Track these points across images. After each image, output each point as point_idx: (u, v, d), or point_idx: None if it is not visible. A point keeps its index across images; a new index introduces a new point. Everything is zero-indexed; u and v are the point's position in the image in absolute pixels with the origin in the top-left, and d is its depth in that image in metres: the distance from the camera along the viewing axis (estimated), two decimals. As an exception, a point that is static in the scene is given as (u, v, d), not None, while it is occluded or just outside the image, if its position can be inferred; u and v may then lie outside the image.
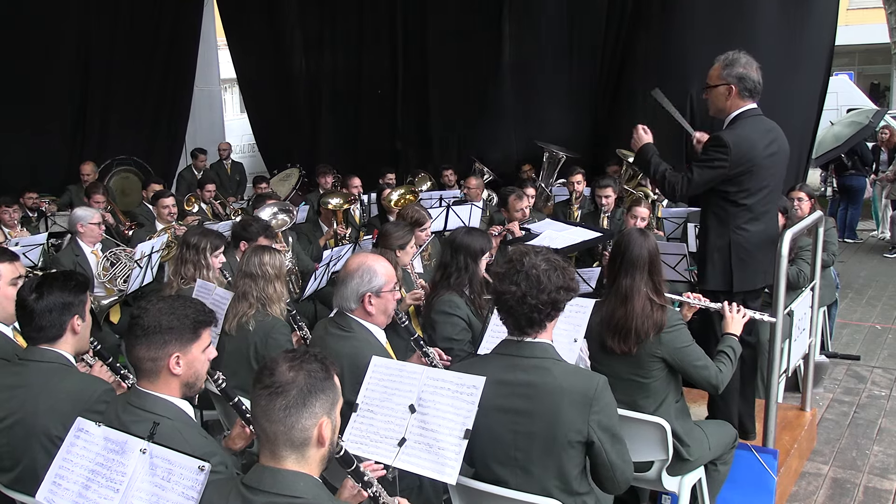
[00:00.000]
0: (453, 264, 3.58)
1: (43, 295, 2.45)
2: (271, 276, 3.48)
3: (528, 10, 8.35)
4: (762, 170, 3.35)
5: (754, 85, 3.37)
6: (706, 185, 3.37)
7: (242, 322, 3.40)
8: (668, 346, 2.89)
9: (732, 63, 3.37)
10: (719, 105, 3.45)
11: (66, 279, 2.54)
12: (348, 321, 2.88)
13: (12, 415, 2.35)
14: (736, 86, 3.35)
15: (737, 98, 3.38)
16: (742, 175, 3.31)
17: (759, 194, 3.38)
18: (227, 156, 10.41)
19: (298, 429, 1.70)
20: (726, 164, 3.28)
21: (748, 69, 3.36)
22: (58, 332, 2.48)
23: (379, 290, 2.86)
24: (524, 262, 2.31)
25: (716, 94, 3.44)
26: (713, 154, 3.32)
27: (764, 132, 3.39)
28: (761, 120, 3.43)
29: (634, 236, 2.99)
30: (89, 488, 1.95)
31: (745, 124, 3.37)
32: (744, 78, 3.35)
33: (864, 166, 9.92)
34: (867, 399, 4.87)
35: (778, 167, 3.47)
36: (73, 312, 2.50)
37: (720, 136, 3.35)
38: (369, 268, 2.87)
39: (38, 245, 5.42)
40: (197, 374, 2.16)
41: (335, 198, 6.24)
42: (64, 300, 2.47)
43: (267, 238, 4.54)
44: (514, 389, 2.30)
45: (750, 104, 3.41)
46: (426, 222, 4.72)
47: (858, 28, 17.72)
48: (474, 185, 7.14)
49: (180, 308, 2.13)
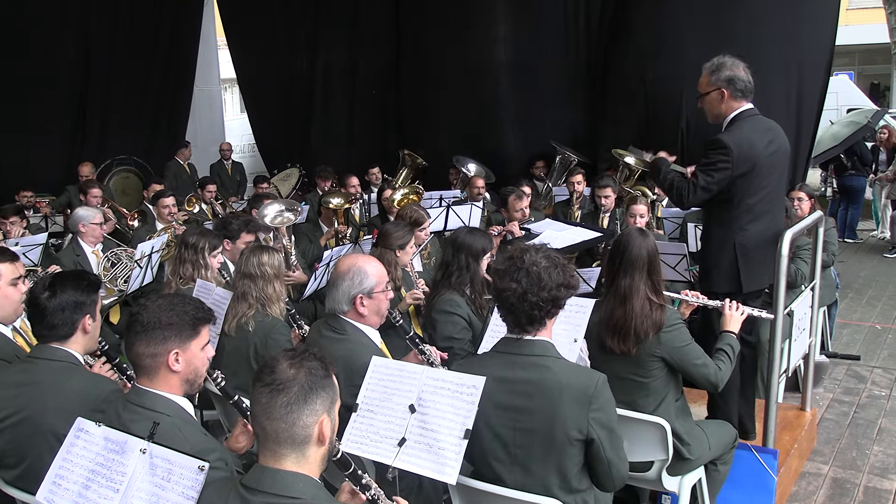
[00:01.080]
0: (454, 263, 3.58)
1: (56, 293, 2.45)
2: (270, 276, 3.47)
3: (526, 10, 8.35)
4: (763, 169, 3.35)
5: (745, 85, 3.38)
6: (713, 190, 3.35)
7: (242, 323, 3.39)
8: (667, 345, 2.89)
9: (719, 68, 3.39)
10: (715, 111, 3.47)
11: (79, 278, 2.55)
12: (341, 323, 2.88)
13: (20, 412, 2.35)
14: (726, 89, 3.37)
15: (730, 101, 3.39)
16: (744, 175, 3.31)
17: (760, 194, 3.38)
18: (228, 156, 10.41)
19: (300, 426, 1.70)
20: (729, 166, 3.27)
21: (735, 70, 3.37)
22: (69, 331, 2.48)
23: (370, 290, 2.86)
24: (525, 260, 2.31)
25: (709, 101, 3.46)
26: (715, 157, 3.31)
27: (763, 131, 3.39)
28: (759, 119, 3.43)
29: (634, 236, 2.99)
30: (89, 488, 1.95)
31: (744, 125, 3.37)
32: (733, 80, 3.36)
33: (863, 166, 9.92)
34: (867, 399, 4.88)
35: (778, 166, 3.47)
36: (85, 312, 2.50)
37: (720, 138, 3.35)
38: (360, 269, 2.87)
39: (39, 245, 5.42)
40: (196, 371, 2.17)
41: (336, 197, 6.25)
42: (76, 299, 2.47)
43: (249, 233, 4.55)
44: (514, 387, 2.31)
45: (745, 105, 3.41)
46: (425, 222, 4.72)
47: (858, 28, 17.71)
48: (480, 185, 7.16)
49: (180, 305, 2.14)
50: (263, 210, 5.32)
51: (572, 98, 8.33)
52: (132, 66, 9.99)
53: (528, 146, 8.49)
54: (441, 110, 9.13)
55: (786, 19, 6.45)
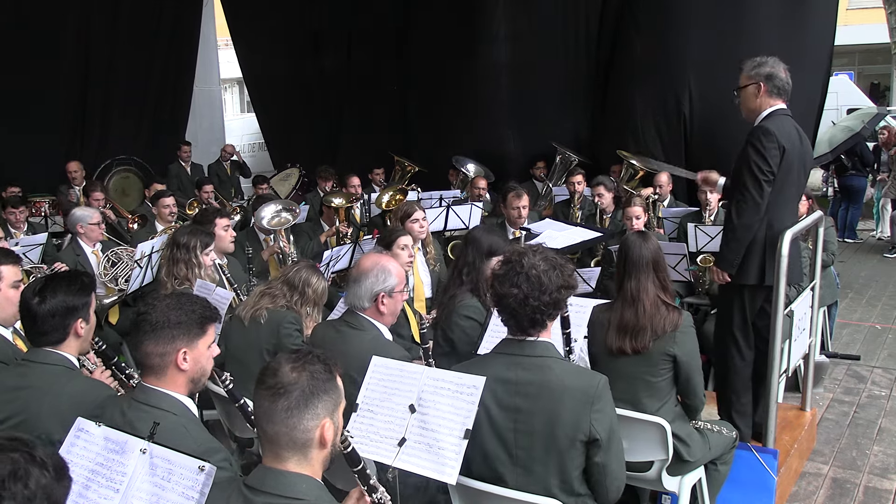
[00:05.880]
0: (464, 259, 3.59)
1: (46, 299, 2.40)
2: (309, 297, 3.51)
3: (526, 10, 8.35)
4: (795, 165, 3.37)
5: (783, 84, 3.42)
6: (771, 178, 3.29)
7: (256, 314, 3.43)
8: (682, 345, 2.91)
9: (760, 64, 3.43)
10: (750, 105, 3.47)
11: (70, 282, 2.49)
12: (360, 320, 2.91)
13: (15, 416, 2.34)
14: (765, 83, 3.40)
15: (766, 96, 3.42)
16: (779, 167, 3.32)
17: (790, 190, 3.41)
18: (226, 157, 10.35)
19: (300, 430, 1.70)
20: (778, 151, 3.28)
21: (776, 69, 3.42)
22: (61, 337, 2.45)
23: (392, 290, 2.90)
24: (523, 263, 2.31)
25: (746, 95, 3.47)
26: (760, 145, 3.29)
27: (795, 130, 3.42)
28: (791, 120, 3.45)
29: (633, 240, 3.03)
30: (89, 488, 1.95)
31: (779, 119, 3.38)
32: (772, 76, 3.40)
33: (864, 167, 9.93)
34: (867, 399, 4.87)
35: (805, 167, 3.50)
36: (77, 316, 2.46)
37: (763, 125, 3.35)
38: (384, 268, 2.89)
39: (39, 245, 5.42)
40: (203, 369, 2.17)
41: (337, 197, 6.25)
42: (68, 304, 2.43)
43: (222, 217, 4.63)
44: (516, 388, 2.31)
45: (780, 103, 3.43)
46: (415, 213, 4.67)
47: (858, 28, 17.72)
48: (482, 185, 7.15)
49: (187, 304, 2.15)
50: (260, 211, 5.32)
51: (572, 98, 8.33)
52: (132, 66, 9.97)
53: (528, 146, 8.49)
54: (441, 110, 9.13)
55: (786, 20, 6.45)
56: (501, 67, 8.58)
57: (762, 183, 3.30)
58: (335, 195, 6.36)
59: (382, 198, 6.33)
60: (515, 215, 5.37)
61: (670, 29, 7.00)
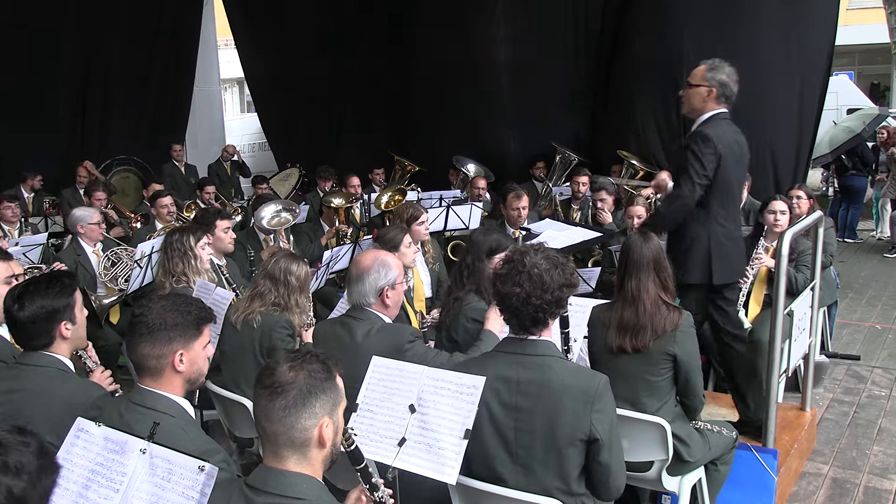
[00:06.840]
0: (464, 260, 3.59)
1: (24, 305, 2.34)
2: (294, 286, 3.48)
3: (526, 10, 8.35)
4: (734, 168, 3.50)
5: (731, 93, 3.53)
6: (705, 182, 3.42)
7: (248, 318, 3.42)
8: (682, 345, 2.91)
9: (718, 68, 3.51)
10: (695, 104, 3.57)
11: (49, 285, 2.40)
12: (367, 314, 2.93)
13: (9, 419, 2.31)
14: (716, 89, 3.49)
15: (712, 101, 3.51)
16: (719, 168, 3.43)
17: (732, 192, 3.55)
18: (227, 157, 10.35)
19: (298, 429, 1.70)
20: (714, 156, 3.40)
21: (730, 78, 3.51)
22: (46, 341, 2.40)
23: (394, 282, 2.93)
24: (525, 263, 2.30)
25: (694, 93, 3.55)
26: (699, 149, 3.41)
27: (735, 134, 3.53)
28: (731, 124, 3.56)
29: (634, 240, 3.04)
30: (89, 488, 1.95)
31: (718, 125, 3.49)
32: (725, 84, 3.50)
33: (864, 167, 9.93)
34: (867, 399, 4.87)
35: (742, 170, 3.68)
36: (60, 319, 2.39)
37: (701, 131, 3.48)
38: (384, 262, 2.92)
39: (39, 245, 5.42)
40: (199, 370, 2.17)
41: (337, 197, 6.25)
42: (48, 308, 2.36)
43: (223, 219, 4.61)
44: (517, 387, 2.31)
45: (722, 108, 3.53)
46: (421, 216, 4.70)
47: (858, 28, 17.71)
48: (482, 185, 7.14)
49: (183, 305, 2.14)
50: (260, 211, 5.32)
51: (572, 98, 8.33)
52: (132, 66, 9.97)
53: (528, 146, 8.49)
54: (441, 110, 9.13)
55: (786, 20, 6.45)
56: (501, 67, 8.58)
57: (696, 185, 3.42)
58: (335, 195, 6.37)
59: (382, 198, 6.33)
60: (515, 216, 5.37)
61: (670, 28, 7.00)
